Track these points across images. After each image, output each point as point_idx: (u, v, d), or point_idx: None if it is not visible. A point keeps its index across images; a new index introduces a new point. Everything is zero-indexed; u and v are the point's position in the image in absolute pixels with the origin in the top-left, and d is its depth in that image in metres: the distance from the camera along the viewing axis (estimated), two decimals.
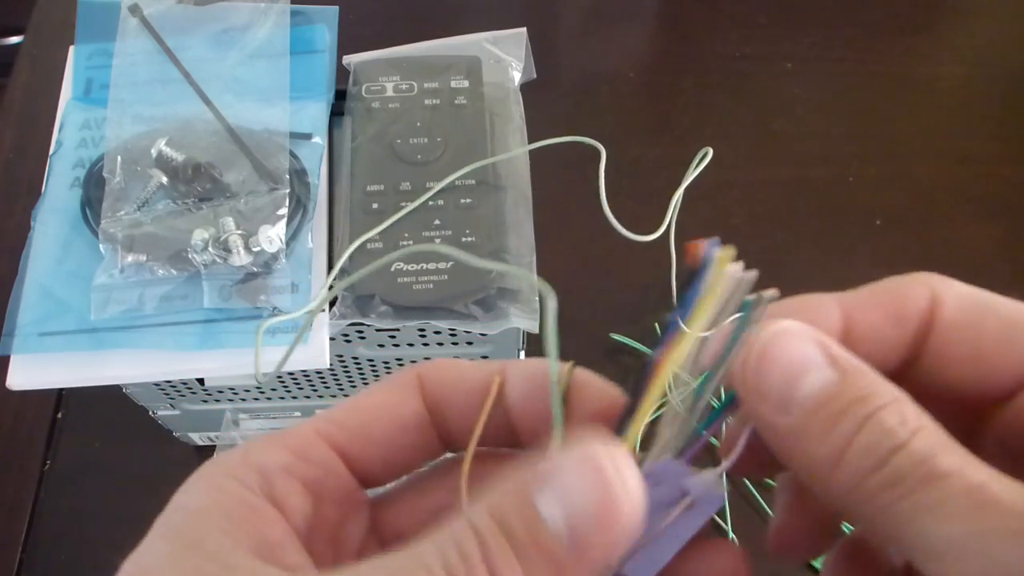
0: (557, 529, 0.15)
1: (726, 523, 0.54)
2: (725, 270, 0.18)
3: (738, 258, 0.19)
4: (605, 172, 0.48)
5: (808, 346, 0.18)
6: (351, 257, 0.43)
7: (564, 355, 0.19)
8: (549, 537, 0.15)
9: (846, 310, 0.20)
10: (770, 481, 0.55)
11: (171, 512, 0.18)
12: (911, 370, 0.20)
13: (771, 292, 0.19)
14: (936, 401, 0.18)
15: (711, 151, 0.56)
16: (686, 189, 0.61)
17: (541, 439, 0.20)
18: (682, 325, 0.18)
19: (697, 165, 0.58)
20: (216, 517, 0.18)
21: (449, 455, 0.23)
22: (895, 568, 0.22)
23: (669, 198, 0.55)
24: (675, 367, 0.18)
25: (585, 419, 0.20)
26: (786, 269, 0.62)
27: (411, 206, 0.44)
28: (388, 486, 0.22)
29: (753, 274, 0.19)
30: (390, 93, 0.48)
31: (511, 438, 0.21)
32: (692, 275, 0.18)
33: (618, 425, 0.19)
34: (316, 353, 0.41)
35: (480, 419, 0.20)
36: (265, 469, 0.19)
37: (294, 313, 0.41)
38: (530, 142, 0.48)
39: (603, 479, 0.15)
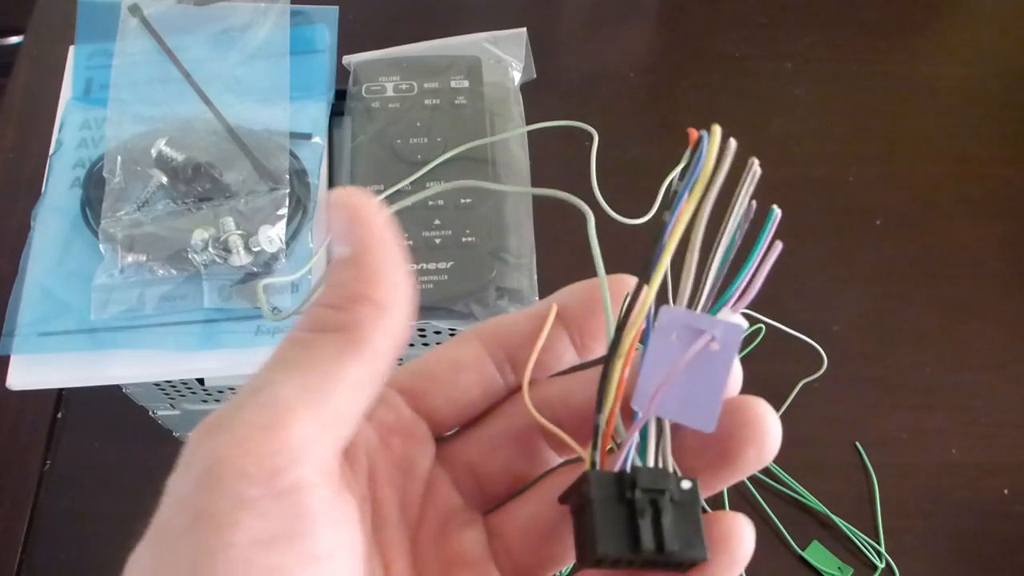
0: (341, 253, 0.19)
1: None
2: (718, 145, 0.20)
3: (738, 256, 0.20)
4: (604, 171, 0.48)
5: None
6: None
7: None
8: (337, 261, 0.19)
9: None
10: (770, 481, 0.56)
11: None
12: None
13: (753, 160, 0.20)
14: None
15: (707, 134, 0.56)
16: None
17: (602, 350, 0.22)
18: (686, 195, 0.20)
19: (691, 152, 0.59)
20: None
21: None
22: None
23: (669, 197, 0.55)
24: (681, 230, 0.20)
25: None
26: (786, 269, 0.62)
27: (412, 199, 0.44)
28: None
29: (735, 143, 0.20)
30: (390, 93, 0.48)
31: (576, 354, 0.23)
32: (692, 156, 0.20)
33: (638, 282, 0.20)
34: None
35: (538, 342, 0.22)
36: None
37: (290, 276, 0.41)
38: (530, 142, 0.48)
39: (342, 201, 0.19)
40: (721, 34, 0.75)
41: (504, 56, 0.51)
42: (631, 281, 0.21)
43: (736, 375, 0.20)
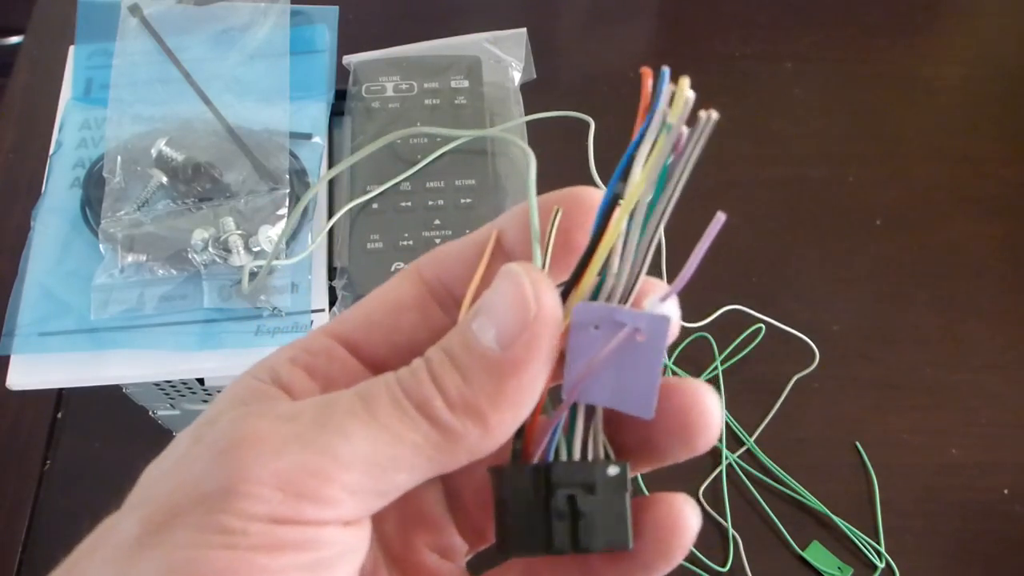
0: (487, 340, 0.18)
1: (726, 520, 0.54)
2: (684, 103, 0.18)
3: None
4: (604, 171, 0.48)
5: None
6: (351, 257, 0.43)
7: None
8: (480, 347, 0.18)
9: None
10: (770, 481, 0.56)
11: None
12: None
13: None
14: None
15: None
16: (686, 189, 0.61)
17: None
18: (638, 162, 0.18)
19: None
20: (227, 402, 0.20)
21: None
22: None
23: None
24: (630, 206, 0.18)
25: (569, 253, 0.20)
26: (786, 269, 0.62)
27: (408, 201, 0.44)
28: None
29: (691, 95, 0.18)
30: (390, 93, 0.48)
31: None
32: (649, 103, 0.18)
33: (579, 262, 0.19)
34: None
35: (477, 273, 0.21)
36: (273, 364, 0.21)
37: (290, 260, 0.41)
38: (530, 142, 0.48)
39: (519, 289, 0.18)
40: (721, 34, 0.75)
41: (504, 56, 0.51)
42: (596, 194, 0.20)
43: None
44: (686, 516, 0.19)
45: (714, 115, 0.18)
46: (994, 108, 0.73)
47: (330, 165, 0.47)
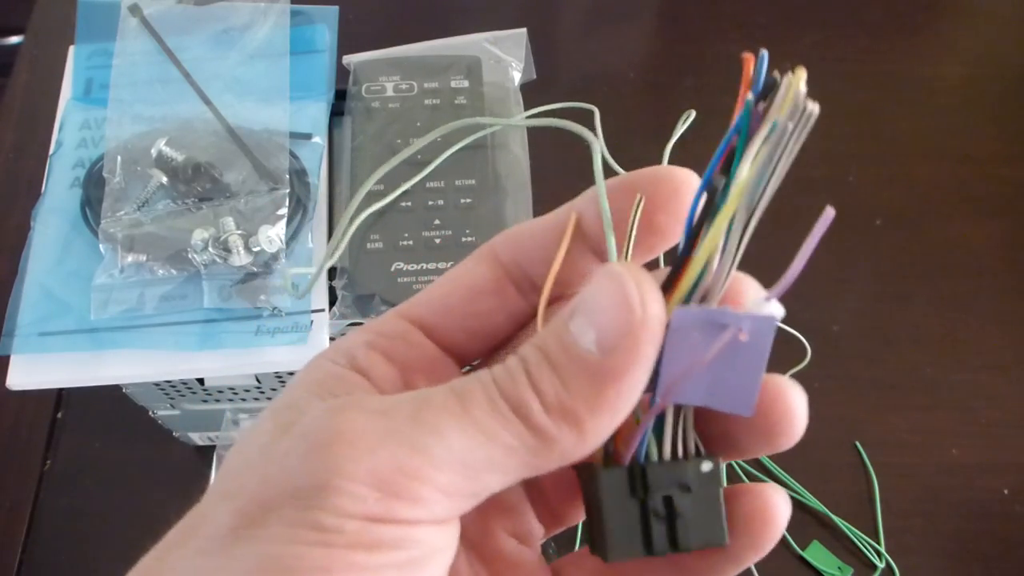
0: (587, 343, 0.17)
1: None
2: (796, 95, 0.16)
3: (740, 257, 0.19)
4: (605, 172, 0.48)
5: None
6: (351, 257, 0.43)
7: None
8: (580, 350, 0.17)
9: None
10: (770, 481, 0.55)
11: (277, 395, 0.21)
12: None
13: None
14: None
15: (694, 112, 0.56)
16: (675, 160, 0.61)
17: (635, 255, 0.21)
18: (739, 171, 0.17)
19: (683, 123, 0.59)
20: (306, 383, 0.20)
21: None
22: None
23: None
24: (734, 205, 0.17)
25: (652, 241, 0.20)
26: (786, 269, 0.62)
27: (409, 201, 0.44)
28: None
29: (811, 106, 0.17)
30: (390, 93, 0.48)
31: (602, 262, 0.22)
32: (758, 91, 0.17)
33: (676, 262, 0.19)
34: (316, 353, 0.41)
35: (557, 257, 0.20)
36: (349, 347, 0.21)
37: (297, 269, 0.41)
38: (530, 142, 0.48)
39: (623, 292, 0.17)
40: (721, 34, 0.75)
41: (504, 56, 0.51)
42: (680, 175, 0.19)
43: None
44: (778, 507, 0.19)
45: (816, 109, 0.17)
46: (994, 108, 0.73)
47: (330, 165, 0.47)
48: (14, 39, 1.06)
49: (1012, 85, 0.74)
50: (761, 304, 0.18)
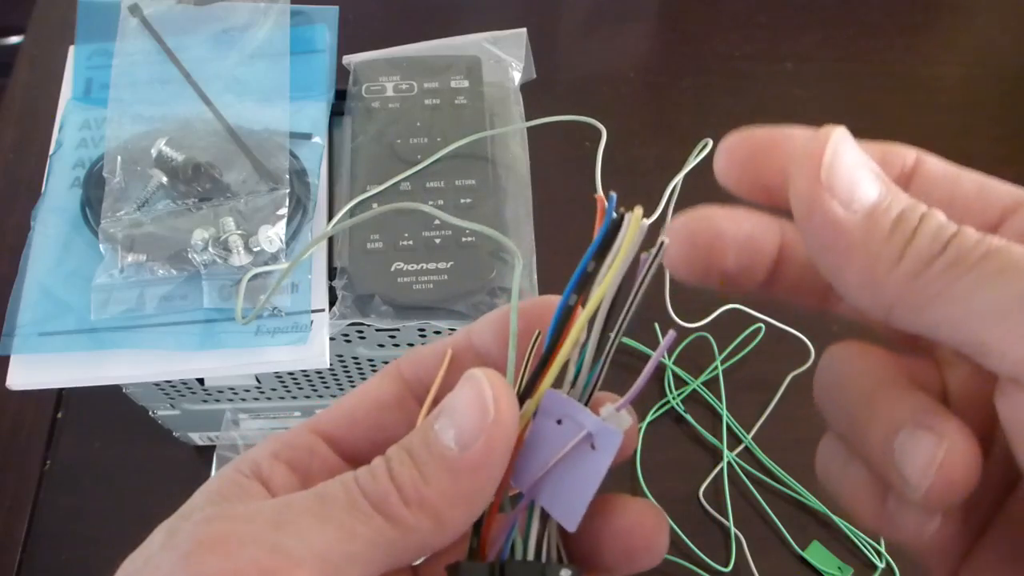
0: (447, 440, 0.19)
1: (728, 520, 0.54)
2: (638, 231, 0.19)
3: (605, 368, 0.20)
4: (605, 172, 0.48)
5: (863, 157, 0.19)
6: (351, 257, 0.43)
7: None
8: (440, 446, 0.18)
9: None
10: (770, 481, 0.55)
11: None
12: None
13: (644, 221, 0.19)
14: None
15: (711, 142, 0.56)
16: (686, 189, 0.61)
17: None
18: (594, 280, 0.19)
19: (697, 155, 0.59)
20: (206, 493, 0.20)
21: None
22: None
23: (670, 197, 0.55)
24: (585, 319, 0.19)
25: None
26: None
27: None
28: None
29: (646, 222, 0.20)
30: (390, 93, 0.48)
31: None
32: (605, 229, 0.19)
33: (536, 367, 0.20)
34: (316, 353, 0.41)
35: (438, 376, 0.22)
36: (256, 457, 0.21)
37: (284, 264, 0.41)
38: (530, 142, 0.48)
39: (480, 394, 0.19)
40: (721, 34, 0.75)
41: (504, 56, 0.51)
42: (551, 306, 0.21)
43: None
44: (654, 529, 0.21)
45: (666, 241, 0.19)
46: (994, 108, 0.73)
47: (330, 165, 0.47)
48: (14, 39, 1.06)
49: (1012, 85, 0.75)
50: (611, 413, 0.19)
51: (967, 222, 0.19)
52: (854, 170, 0.19)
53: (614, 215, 0.19)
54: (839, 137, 0.19)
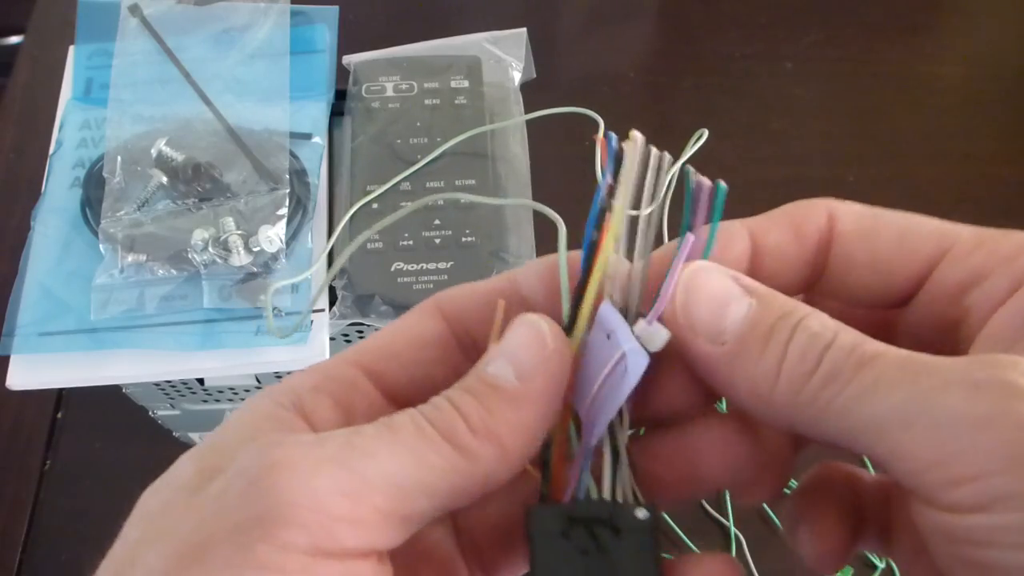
0: (507, 374, 0.19)
1: (728, 520, 0.54)
2: (633, 145, 0.20)
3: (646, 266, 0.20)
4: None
5: (724, 280, 0.19)
6: (351, 257, 0.43)
7: None
8: (500, 381, 0.19)
9: (753, 233, 0.21)
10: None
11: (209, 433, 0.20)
12: (818, 285, 0.22)
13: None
14: (845, 314, 0.19)
15: (706, 132, 0.56)
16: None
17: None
18: (609, 204, 0.20)
19: (693, 144, 0.59)
20: (240, 425, 0.20)
21: None
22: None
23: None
24: (612, 242, 0.20)
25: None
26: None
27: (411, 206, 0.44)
28: None
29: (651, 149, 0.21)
30: (390, 93, 0.48)
31: None
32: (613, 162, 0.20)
33: (575, 293, 0.21)
34: (316, 353, 0.41)
35: (493, 330, 0.21)
36: (297, 388, 0.21)
37: (295, 278, 0.41)
38: (530, 141, 0.48)
39: (537, 329, 0.19)
40: (721, 34, 0.75)
41: (504, 56, 0.51)
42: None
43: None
44: None
45: (676, 167, 0.20)
46: (994, 108, 0.73)
47: (330, 165, 0.47)
48: (14, 39, 1.06)
49: (1012, 85, 0.74)
50: (643, 329, 0.19)
51: (894, 283, 0.20)
52: (715, 299, 0.19)
53: (614, 147, 0.20)
54: (692, 272, 0.19)
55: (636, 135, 0.20)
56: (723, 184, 0.20)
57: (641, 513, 0.19)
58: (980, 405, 0.16)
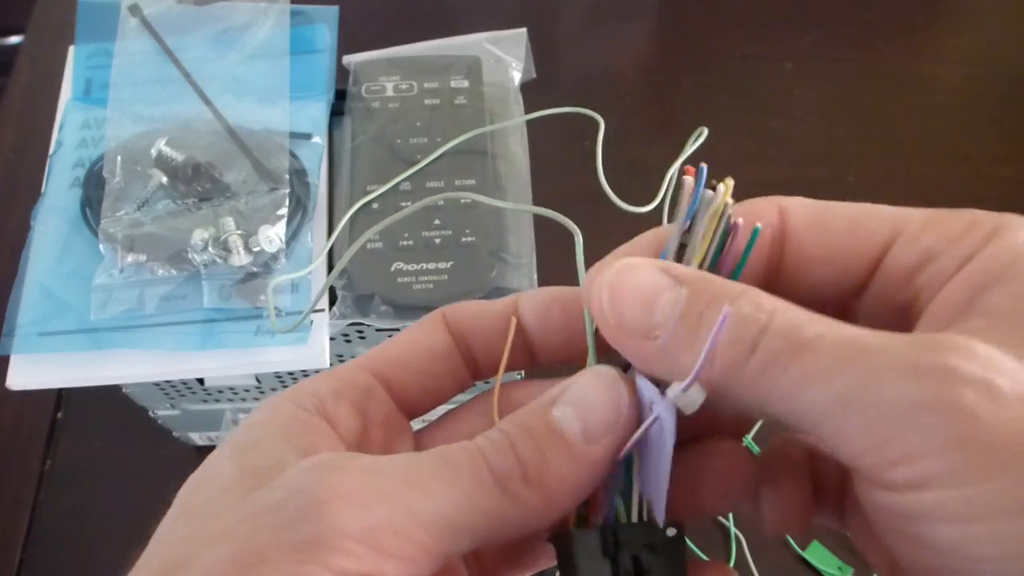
0: (574, 431, 0.19)
1: (728, 519, 0.54)
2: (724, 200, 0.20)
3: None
4: (605, 172, 0.48)
5: (651, 273, 0.19)
6: (351, 257, 0.43)
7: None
8: (565, 435, 0.19)
9: None
10: None
11: (235, 431, 0.20)
12: (776, 283, 0.21)
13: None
14: (806, 306, 0.19)
15: (706, 130, 0.56)
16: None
17: (554, 355, 0.23)
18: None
19: (693, 142, 0.59)
20: (272, 427, 0.20)
21: (480, 384, 0.24)
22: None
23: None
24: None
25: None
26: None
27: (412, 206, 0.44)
28: (428, 416, 0.24)
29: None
30: (390, 93, 0.48)
31: (529, 358, 0.23)
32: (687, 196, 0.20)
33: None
34: (316, 353, 0.41)
35: (505, 351, 0.22)
36: (318, 393, 0.21)
37: (294, 274, 0.41)
38: (530, 141, 0.48)
39: (615, 394, 0.19)
40: (721, 34, 0.75)
41: (504, 56, 0.51)
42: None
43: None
44: None
45: (740, 222, 0.20)
46: (994, 108, 0.73)
47: (330, 165, 0.47)
48: (14, 39, 1.06)
49: (1012, 85, 0.74)
50: (677, 394, 0.19)
51: (849, 271, 0.20)
52: (643, 294, 0.19)
53: (704, 188, 0.20)
54: (617, 271, 0.19)
55: (729, 183, 0.20)
56: (760, 225, 0.20)
57: (671, 531, 0.20)
58: (919, 391, 0.16)
